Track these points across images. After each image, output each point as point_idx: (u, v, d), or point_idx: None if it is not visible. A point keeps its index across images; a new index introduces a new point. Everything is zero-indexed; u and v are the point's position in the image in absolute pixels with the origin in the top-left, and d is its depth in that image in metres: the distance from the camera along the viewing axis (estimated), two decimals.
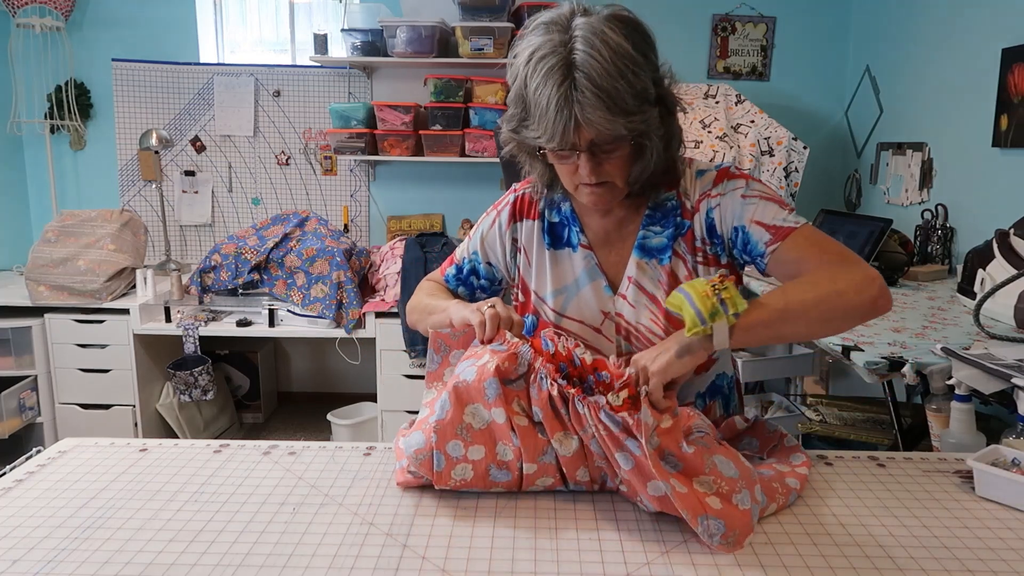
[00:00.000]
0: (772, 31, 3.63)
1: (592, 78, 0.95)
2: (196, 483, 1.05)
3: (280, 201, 3.81)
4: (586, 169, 1.03)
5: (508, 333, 1.05)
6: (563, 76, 0.96)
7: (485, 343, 1.05)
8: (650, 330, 1.15)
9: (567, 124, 0.97)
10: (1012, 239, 1.88)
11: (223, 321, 3.16)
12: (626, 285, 1.17)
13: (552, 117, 0.97)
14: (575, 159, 1.03)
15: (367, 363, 3.22)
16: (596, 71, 0.95)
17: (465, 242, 1.31)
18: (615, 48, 0.96)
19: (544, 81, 0.97)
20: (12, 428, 3.04)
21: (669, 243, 1.15)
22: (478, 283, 1.29)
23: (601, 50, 0.95)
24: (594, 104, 0.95)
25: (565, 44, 0.97)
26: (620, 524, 0.94)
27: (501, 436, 1.00)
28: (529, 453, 0.98)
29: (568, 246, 1.21)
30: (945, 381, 1.50)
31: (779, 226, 1.08)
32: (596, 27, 0.97)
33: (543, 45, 0.98)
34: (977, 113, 2.54)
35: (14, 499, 1.00)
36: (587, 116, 0.96)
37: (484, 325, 1.04)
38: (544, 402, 0.98)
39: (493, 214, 1.28)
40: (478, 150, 3.46)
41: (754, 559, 0.86)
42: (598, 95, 0.95)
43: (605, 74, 0.95)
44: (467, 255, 1.30)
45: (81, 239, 3.11)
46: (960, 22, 2.71)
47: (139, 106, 3.70)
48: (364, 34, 3.43)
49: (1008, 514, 0.98)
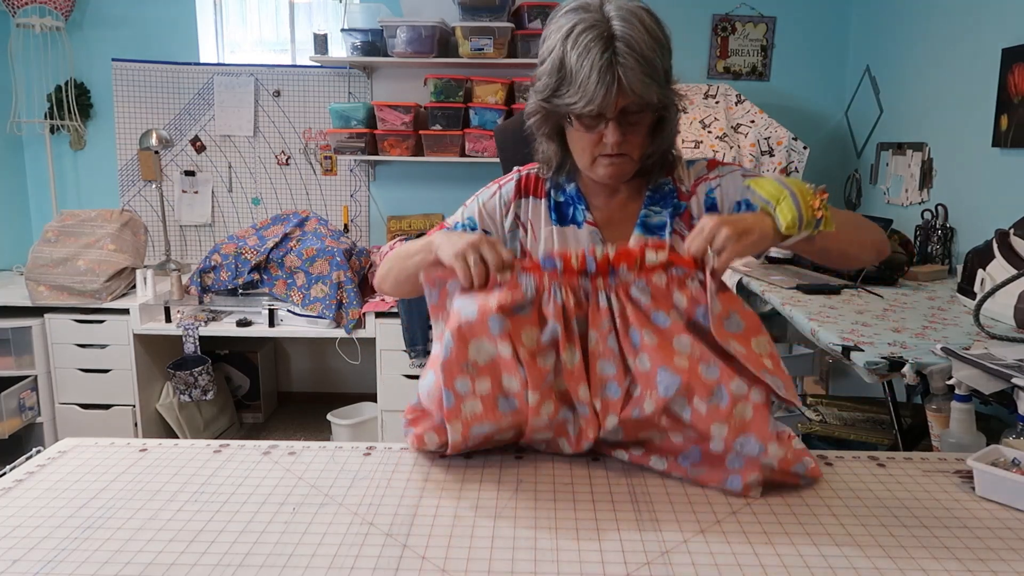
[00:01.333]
0: (772, 31, 3.63)
1: (632, 46, 1.05)
2: (196, 483, 1.05)
3: (280, 201, 3.81)
4: (614, 136, 1.10)
5: (500, 275, 1.04)
6: (605, 46, 1.05)
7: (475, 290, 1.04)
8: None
9: (609, 87, 1.05)
10: (1012, 239, 1.88)
11: (223, 321, 3.16)
12: None
13: (595, 81, 1.05)
14: (602, 127, 1.11)
15: (367, 363, 3.22)
16: (636, 40, 1.05)
17: (459, 210, 1.31)
18: (649, 28, 1.08)
19: (587, 50, 1.05)
20: (12, 428, 3.04)
21: (668, 221, 1.23)
22: None
23: (638, 26, 1.06)
24: (635, 68, 1.05)
25: (603, 20, 1.06)
26: (620, 524, 0.94)
27: (507, 368, 1.03)
28: (534, 381, 1.02)
29: (574, 223, 1.25)
30: (945, 381, 1.50)
31: None
32: (631, 10, 1.08)
33: (581, 20, 1.07)
34: (977, 113, 2.54)
35: (14, 499, 1.00)
36: (629, 79, 1.05)
37: (470, 276, 1.04)
38: (559, 314, 1.02)
39: (494, 187, 1.29)
40: (478, 150, 3.46)
41: (754, 559, 0.86)
42: (639, 60, 1.05)
43: (643, 44, 1.06)
44: (461, 220, 1.28)
45: (81, 239, 3.11)
46: (960, 22, 2.71)
47: (139, 106, 3.70)
48: (364, 34, 3.43)
49: (1008, 514, 0.98)
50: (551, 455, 1.15)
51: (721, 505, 0.99)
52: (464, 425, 1.05)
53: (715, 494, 1.02)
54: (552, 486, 1.05)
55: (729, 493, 1.02)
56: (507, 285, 1.03)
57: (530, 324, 1.03)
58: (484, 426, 1.06)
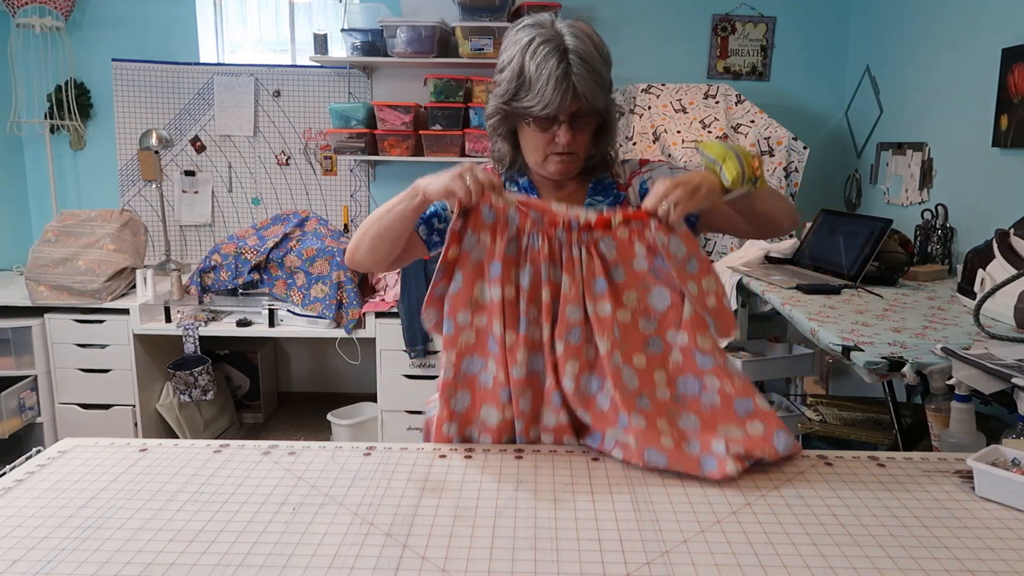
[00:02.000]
0: (772, 31, 3.63)
1: (585, 59, 1.20)
2: (196, 483, 1.05)
3: (280, 201, 3.81)
4: (566, 137, 1.25)
5: (493, 196, 1.17)
6: (561, 57, 1.20)
7: (470, 208, 1.17)
8: None
9: (564, 93, 1.19)
10: (1012, 239, 1.88)
11: (223, 321, 3.16)
12: None
13: (552, 87, 1.19)
14: (555, 128, 1.25)
15: (367, 363, 3.22)
16: (586, 54, 1.20)
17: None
18: (597, 44, 1.23)
19: (545, 60, 1.19)
20: (12, 428, 3.04)
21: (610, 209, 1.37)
22: (438, 225, 1.37)
23: (587, 41, 1.22)
24: (587, 78, 1.20)
25: (557, 36, 1.21)
26: (620, 524, 0.94)
27: (494, 311, 1.18)
28: (511, 321, 1.17)
29: None
30: (945, 381, 1.50)
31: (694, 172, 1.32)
32: (580, 26, 1.23)
33: (539, 35, 1.21)
34: (977, 113, 2.54)
35: (14, 499, 1.00)
36: (582, 86, 1.20)
37: (470, 192, 1.14)
38: (534, 257, 1.17)
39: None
40: (478, 150, 3.46)
41: (754, 559, 0.86)
42: (589, 71, 1.20)
43: (593, 58, 1.21)
44: (434, 205, 1.35)
45: (81, 239, 3.11)
46: (960, 22, 2.71)
47: (139, 106, 3.70)
48: (364, 34, 3.43)
49: (1008, 514, 0.98)
50: (551, 454, 1.15)
51: (721, 505, 0.99)
52: (458, 356, 1.19)
53: (715, 494, 1.02)
54: (552, 486, 1.05)
55: (715, 482, 1.04)
56: (499, 217, 1.17)
57: (513, 265, 1.18)
58: (474, 362, 1.20)
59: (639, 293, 1.19)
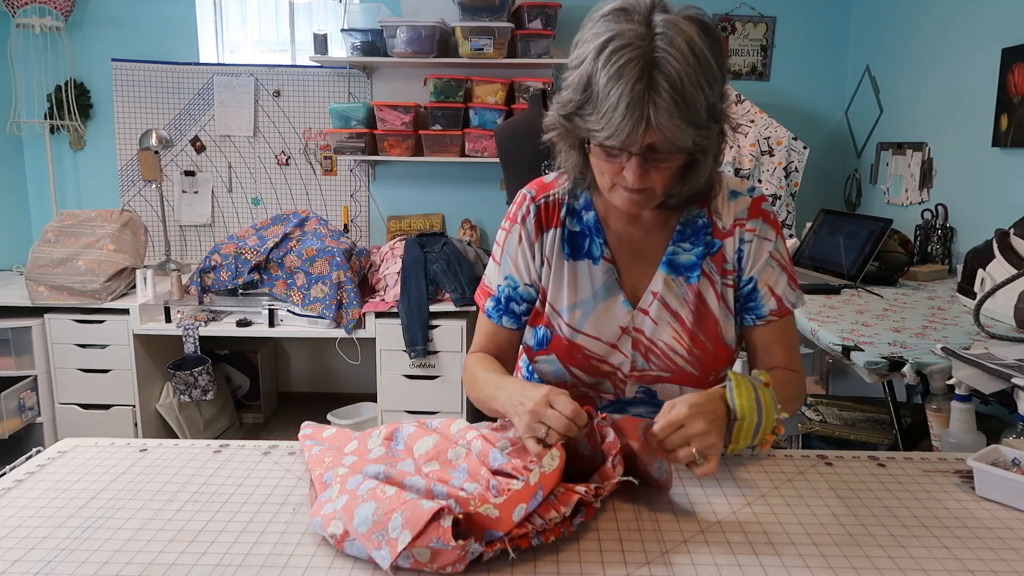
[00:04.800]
0: (772, 31, 3.63)
1: (673, 83, 0.90)
2: (196, 483, 1.05)
3: (280, 201, 3.81)
4: (634, 174, 0.97)
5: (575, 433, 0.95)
6: (641, 74, 0.90)
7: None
8: (671, 347, 1.13)
9: (636, 125, 0.91)
10: (1012, 239, 1.88)
11: (223, 321, 3.16)
12: (650, 300, 1.13)
13: (621, 114, 0.91)
14: (623, 159, 0.98)
15: (367, 363, 3.22)
16: (679, 76, 0.90)
17: (492, 268, 1.21)
18: (699, 55, 0.91)
19: (619, 75, 0.90)
20: (12, 428, 3.04)
21: (698, 261, 1.13)
22: (519, 308, 1.19)
23: (687, 55, 0.90)
24: (670, 110, 0.90)
25: (645, 38, 0.90)
26: (620, 524, 0.94)
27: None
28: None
29: (588, 258, 1.15)
30: (945, 381, 1.50)
31: (783, 303, 1.15)
32: (682, 28, 0.91)
33: (621, 34, 0.91)
34: (977, 113, 2.54)
35: (14, 499, 1.00)
36: (660, 121, 0.91)
37: (541, 454, 0.93)
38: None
39: (516, 229, 1.18)
40: (478, 150, 3.46)
41: (754, 559, 0.86)
42: (676, 100, 0.90)
43: (687, 80, 0.90)
44: (500, 282, 1.20)
45: (81, 239, 3.11)
46: (960, 22, 2.71)
47: (139, 106, 3.70)
48: (364, 34, 3.43)
49: (1008, 514, 0.98)
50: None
51: (721, 505, 0.99)
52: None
53: (715, 494, 1.02)
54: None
55: (715, 482, 1.03)
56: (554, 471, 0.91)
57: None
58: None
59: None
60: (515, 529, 0.85)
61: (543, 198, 1.17)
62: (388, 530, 0.81)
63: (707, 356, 1.13)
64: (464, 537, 0.82)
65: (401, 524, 0.81)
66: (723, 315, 1.14)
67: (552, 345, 1.16)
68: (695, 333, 1.12)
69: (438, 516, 0.81)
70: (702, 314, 1.13)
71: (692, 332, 1.12)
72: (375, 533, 0.82)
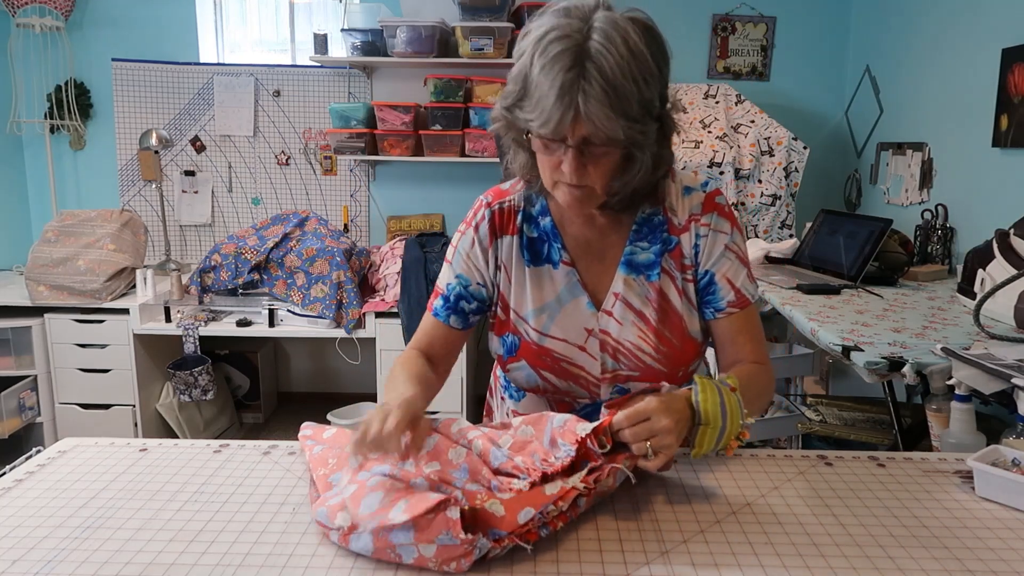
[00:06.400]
0: (772, 31, 3.63)
1: (603, 71, 0.91)
2: (196, 483, 1.05)
3: (280, 201, 3.81)
4: (570, 167, 0.98)
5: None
6: (572, 62, 0.92)
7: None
8: (637, 347, 1.13)
9: (565, 112, 0.92)
10: (1012, 239, 1.88)
11: (223, 321, 3.16)
12: (612, 301, 1.14)
13: (552, 101, 0.92)
14: (561, 153, 0.98)
15: (367, 363, 3.22)
16: (609, 65, 0.91)
17: (445, 268, 1.22)
18: (633, 49, 0.93)
19: (552, 63, 0.92)
20: (12, 428, 3.04)
21: (657, 259, 1.14)
22: (469, 307, 1.19)
23: (619, 46, 0.92)
24: (599, 98, 0.91)
25: (581, 31, 0.93)
26: (620, 524, 0.94)
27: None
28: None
29: (548, 263, 1.16)
30: (945, 381, 1.50)
31: (742, 294, 1.14)
32: (618, 24, 0.94)
33: (558, 27, 0.94)
34: (977, 113, 2.54)
35: (14, 499, 1.00)
36: (589, 109, 0.92)
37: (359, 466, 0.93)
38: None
39: (471, 233, 1.19)
40: (478, 150, 3.46)
41: (754, 559, 0.86)
42: (605, 90, 0.91)
43: (618, 71, 0.91)
44: (451, 280, 1.20)
45: (81, 239, 3.11)
46: (960, 22, 2.71)
47: (139, 106, 3.70)
48: (364, 34, 3.43)
49: (1008, 514, 0.98)
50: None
51: (721, 505, 0.99)
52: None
53: (715, 494, 1.02)
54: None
55: (715, 482, 1.02)
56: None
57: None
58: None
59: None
60: (518, 527, 0.86)
61: (498, 204, 1.19)
62: (390, 516, 0.83)
63: (674, 352, 1.14)
64: (471, 532, 0.82)
65: (404, 508, 0.83)
66: (687, 310, 1.15)
67: (521, 351, 1.17)
68: (660, 331, 1.13)
69: (444, 506, 0.82)
70: (666, 311, 1.14)
71: (657, 330, 1.13)
72: (379, 515, 0.84)
